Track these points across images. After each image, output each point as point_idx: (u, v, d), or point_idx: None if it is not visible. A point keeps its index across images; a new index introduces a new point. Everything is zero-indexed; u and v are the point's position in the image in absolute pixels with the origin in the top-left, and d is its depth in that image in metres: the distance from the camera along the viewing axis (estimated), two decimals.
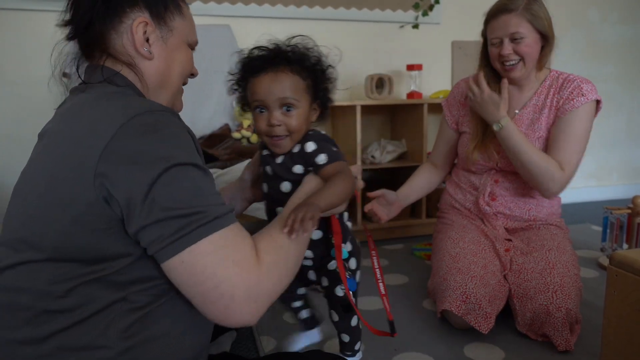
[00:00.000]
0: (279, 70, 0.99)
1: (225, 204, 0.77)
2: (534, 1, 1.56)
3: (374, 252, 1.15)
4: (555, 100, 1.63)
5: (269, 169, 1.08)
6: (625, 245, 2.06)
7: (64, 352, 0.72)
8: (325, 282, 1.15)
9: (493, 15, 1.60)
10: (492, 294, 1.46)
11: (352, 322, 1.18)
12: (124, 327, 0.73)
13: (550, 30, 1.59)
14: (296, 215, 0.84)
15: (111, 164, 0.70)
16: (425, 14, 2.83)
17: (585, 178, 3.38)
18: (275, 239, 0.83)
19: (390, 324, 1.09)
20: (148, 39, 0.86)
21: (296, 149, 1.04)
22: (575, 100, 1.59)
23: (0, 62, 2.26)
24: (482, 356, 1.39)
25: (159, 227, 0.70)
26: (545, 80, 1.68)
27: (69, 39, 0.87)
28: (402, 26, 2.84)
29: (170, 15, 0.88)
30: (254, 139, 2.23)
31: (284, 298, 1.26)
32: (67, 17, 0.86)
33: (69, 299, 0.72)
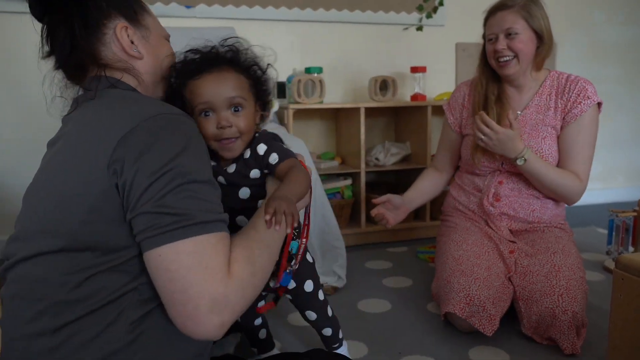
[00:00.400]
0: (222, 70, 0.96)
1: (221, 213, 0.79)
2: (532, 1, 1.59)
3: (305, 240, 1.10)
4: (560, 102, 1.64)
5: (221, 179, 1.03)
6: (631, 249, 2.05)
7: (74, 344, 0.74)
8: (292, 284, 1.15)
9: (491, 12, 1.64)
10: (496, 296, 1.45)
11: (329, 312, 1.18)
12: (132, 320, 0.76)
13: (546, 31, 1.61)
14: (279, 207, 0.82)
15: (125, 151, 0.74)
16: (429, 16, 2.83)
17: (590, 180, 3.30)
18: (252, 248, 0.82)
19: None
20: (133, 41, 0.90)
21: (247, 154, 1.01)
22: (583, 103, 1.60)
23: (2, 65, 2.27)
24: (488, 359, 1.38)
25: (151, 218, 0.73)
26: (545, 81, 1.68)
27: (56, 68, 0.91)
28: (406, 28, 2.83)
29: (141, 15, 0.94)
30: None
31: (246, 316, 1.24)
32: (47, 49, 0.90)
33: (83, 289, 0.75)
